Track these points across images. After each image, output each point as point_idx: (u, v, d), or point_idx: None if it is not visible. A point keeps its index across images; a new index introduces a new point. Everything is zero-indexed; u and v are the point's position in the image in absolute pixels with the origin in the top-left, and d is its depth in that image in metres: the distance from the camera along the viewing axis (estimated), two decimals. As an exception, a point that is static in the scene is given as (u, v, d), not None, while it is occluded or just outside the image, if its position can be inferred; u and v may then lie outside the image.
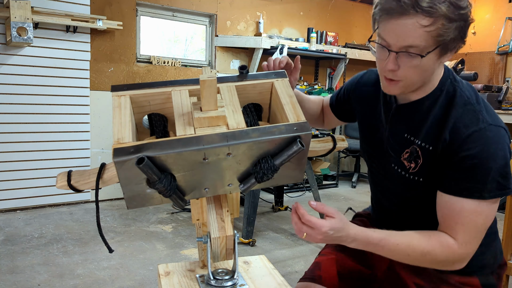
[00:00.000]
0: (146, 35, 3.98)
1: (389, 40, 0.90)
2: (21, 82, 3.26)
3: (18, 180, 3.32)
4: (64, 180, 0.86)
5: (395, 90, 0.96)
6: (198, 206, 1.05)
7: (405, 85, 0.94)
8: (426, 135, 0.97)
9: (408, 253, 0.93)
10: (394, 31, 0.88)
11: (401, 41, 0.87)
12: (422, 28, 0.85)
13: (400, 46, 0.88)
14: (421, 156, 0.97)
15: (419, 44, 0.86)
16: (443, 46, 0.89)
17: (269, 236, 2.93)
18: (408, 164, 1.00)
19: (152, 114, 0.95)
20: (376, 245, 0.93)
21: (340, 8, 5.17)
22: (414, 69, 0.90)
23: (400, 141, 1.02)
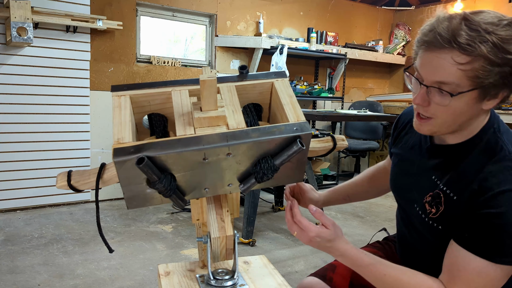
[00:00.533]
0: (146, 35, 3.99)
1: (422, 74, 0.85)
2: (21, 82, 3.26)
3: (18, 180, 3.32)
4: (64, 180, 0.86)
5: (424, 129, 0.90)
6: (198, 206, 1.05)
7: (435, 125, 0.88)
8: (452, 182, 0.90)
9: (393, 287, 0.90)
10: (428, 64, 0.83)
11: (434, 75, 0.82)
12: (457, 65, 0.79)
13: (432, 81, 0.83)
14: (443, 203, 0.91)
15: (451, 81, 0.81)
16: (482, 91, 0.81)
17: (269, 236, 2.93)
18: (429, 209, 0.94)
19: (152, 114, 0.95)
20: (363, 268, 0.91)
21: (340, 8, 5.17)
22: (445, 109, 0.84)
23: (425, 182, 0.97)
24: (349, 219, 3.45)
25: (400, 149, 1.09)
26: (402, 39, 5.54)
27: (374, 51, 5.20)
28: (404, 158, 1.07)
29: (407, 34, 5.52)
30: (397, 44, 5.49)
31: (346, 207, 3.79)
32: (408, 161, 1.05)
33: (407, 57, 5.53)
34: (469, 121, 0.88)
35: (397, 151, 1.10)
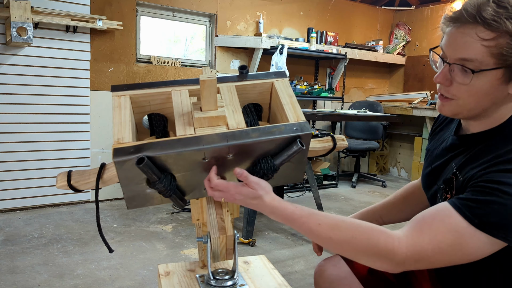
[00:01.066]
0: (146, 35, 3.98)
1: (446, 51, 0.83)
2: (21, 82, 3.26)
3: (18, 180, 3.32)
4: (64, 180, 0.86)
5: (446, 110, 0.87)
6: (198, 206, 1.05)
7: (457, 106, 0.85)
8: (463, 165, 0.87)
9: (331, 236, 0.82)
10: (452, 41, 0.81)
11: (457, 52, 0.80)
12: (480, 41, 0.77)
13: (456, 58, 0.81)
14: (454, 187, 0.87)
15: (474, 58, 0.78)
16: (507, 70, 0.78)
17: (269, 236, 2.93)
18: (445, 195, 0.91)
19: (152, 114, 0.95)
20: (295, 221, 0.85)
21: (340, 8, 5.17)
22: (467, 88, 0.81)
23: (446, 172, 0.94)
24: (349, 219, 3.44)
25: (432, 145, 1.07)
26: (402, 39, 5.54)
27: (374, 51, 5.20)
28: (433, 153, 1.04)
29: (407, 34, 5.52)
30: (397, 44, 5.49)
31: (346, 207, 3.79)
32: (437, 155, 1.02)
33: (406, 56, 5.54)
34: (493, 106, 0.84)
35: (429, 147, 1.08)
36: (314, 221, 0.84)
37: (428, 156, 1.07)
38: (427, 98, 4.93)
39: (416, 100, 4.94)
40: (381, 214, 1.22)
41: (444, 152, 0.99)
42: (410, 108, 4.76)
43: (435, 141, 1.07)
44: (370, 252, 0.80)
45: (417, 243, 0.78)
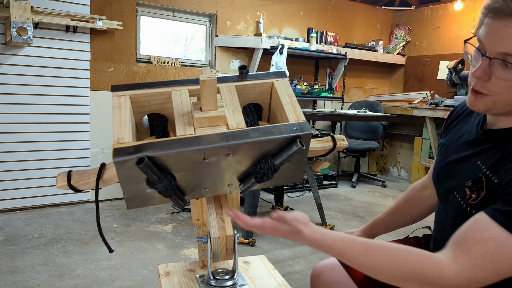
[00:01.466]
0: (146, 35, 3.98)
1: (486, 44, 0.78)
2: (21, 82, 3.26)
3: (18, 180, 3.32)
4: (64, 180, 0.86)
5: (479, 105, 0.83)
6: (198, 206, 1.05)
7: (493, 102, 0.81)
8: (496, 166, 0.82)
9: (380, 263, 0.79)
10: (494, 34, 0.76)
11: (499, 46, 0.75)
12: None
13: (497, 53, 0.76)
14: (485, 187, 0.82)
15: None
16: None
17: (269, 236, 2.93)
18: (469, 194, 0.86)
19: (152, 114, 0.95)
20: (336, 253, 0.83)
21: (340, 8, 5.17)
22: (507, 85, 0.77)
23: (469, 168, 0.88)
24: (349, 219, 3.44)
25: (448, 139, 1.03)
26: (402, 39, 5.54)
27: (374, 51, 5.20)
28: (450, 147, 1.00)
29: (407, 34, 5.52)
30: (397, 44, 5.49)
31: (346, 207, 3.79)
32: (454, 150, 0.97)
33: (407, 55, 5.54)
34: None
35: (444, 141, 1.04)
36: (358, 252, 0.81)
37: (443, 150, 1.03)
38: (427, 98, 4.93)
39: (416, 100, 4.94)
40: (387, 221, 1.21)
41: (464, 147, 0.94)
42: (410, 108, 4.76)
43: (451, 135, 1.03)
44: (419, 280, 0.77)
45: (467, 268, 0.74)
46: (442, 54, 5.14)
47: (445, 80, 4.66)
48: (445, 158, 1.00)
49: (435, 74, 5.18)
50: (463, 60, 4.29)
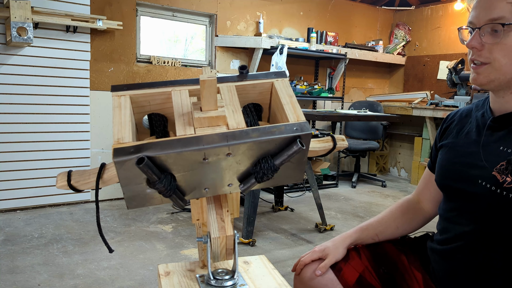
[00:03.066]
0: (146, 35, 3.99)
1: (474, 19, 0.87)
2: (21, 82, 3.26)
3: (18, 180, 3.32)
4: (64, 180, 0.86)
5: (481, 78, 0.88)
6: (198, 206, 1.05)
7: (493, 70, 0.86)
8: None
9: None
10: (479, 7, 0.86)
11: (485, 14, 0.85)
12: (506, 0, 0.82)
13: (485, 20, 0.85)
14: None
15: (502, 16, 0.83)
16: None
17: (269, 236, 2.93)
18: (503, 177, 0.85)
19: (152, 114, 0.95)
20: None
21: (340, 8, 5.17)
22: (499, 48, 0.84)
23: (491, 156, 0.89)
24: (349, 219, 3.45)
25: (452, 139, 1.04)
26: (402, 39, 5.54)
27: (374, 51, 5.20)
28: (457, 144, 1.01)
29: (407, 34, 5.52)
30: (397, 44, 5.49)
31: (346, 207, 3.79)
32: (463, 145, 0.98)
33: (403, 55, 5.53)
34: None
35: (447, 142, 1.05)
36: None
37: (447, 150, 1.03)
38: (427, 98, 4.93)
39: (416, 100, 4.94)
40: (377, 231, 1.16)
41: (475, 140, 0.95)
42: (410, 108, 4.76)
43: (453, 135, 1.03)
44: None
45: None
46: (442, 54, 5.14)
47: (445, 80, 4.66)
48: (454, 157, 0.99)
49: (435, 74, 5.18)
50: (463, 60, 4.30)
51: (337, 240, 1.12)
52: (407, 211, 1.18)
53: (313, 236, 2.99)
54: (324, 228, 3.09)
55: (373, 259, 1.10)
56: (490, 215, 0.88)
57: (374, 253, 1.11)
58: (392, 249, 1.13)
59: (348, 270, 1.08)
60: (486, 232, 0.89)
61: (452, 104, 4.28)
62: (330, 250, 1.09)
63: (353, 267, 1.08)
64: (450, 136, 1.05)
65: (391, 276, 1.08)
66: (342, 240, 1.12)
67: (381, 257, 1.10)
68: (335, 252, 1.08)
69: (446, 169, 1.01)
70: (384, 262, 1.10)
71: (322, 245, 1.12)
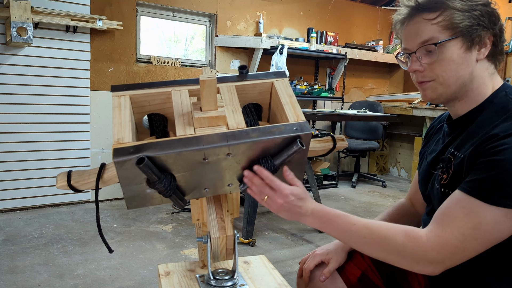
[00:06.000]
0: (146, 35, 3.98)
1: (408, 46, 0.92)
2: (21, 82, 3.26)
3: (18, 180, 3.32)
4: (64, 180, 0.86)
5: (431, 93, 0.92)
6: (198, 206, 1.05)
7: (438, 85, 0.90)
8: (461, 144, 0.90)
9: (364, 235, 0.85)
10: (408, 35, 0.91)
11: (416, 40, 0.89)
12: (430, 21, 0.87)
13: (417, 44, 0.89)
14: (453, 165, 0.89)
15: (431, 37, 0.87)
16: (464, 38, 0.86)
17: (269, 236, 2.93)
18: (441, 175, 0.93)
19: (152, 114, 0.95)
20: (331, 221, 0.88)
21: (340, 8, 5.17)
22: (439, 64, 0.88)
23: (445, 155, 0.95)
24: (349, 219, 3.44)
25: (427, 147, 1.09)
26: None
27: (374, 51, 5.20)
28: (428, 151, 1.06)
29: (407, 34, 5.52)
30: (397, 44, 5.49)
31: (346, 207, 3.79)
32: (431, 152, 1.04)
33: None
34: (471, 81, 0.90)
35: (424, 150, 1.11)
36: (349, 221, 0.87)
37: (424, 158, 1.08)
38: (427, 98, 4.93)
39: (416, 100, 4.94)
40: None
41: (439, 144, 1.02)
42: (410, 108, 4.76)
43: (430, 143, 1.09)
44: (402, 253, 0.83)
45: (441, 236, 0.80)
46: (442, 54, 5.13)
47: (445, 80, 4.66)
48: (425, 164, 1.05)
49: (435, 74, 5.18)
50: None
51: (338, 244, 1.11)
52: (403, 215, 1.20)
53: (313, 236, 2.99)
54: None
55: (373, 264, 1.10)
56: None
57: None
58: None
59: (350, 269, 1.08)
60: None
61: (452, 104, 4.28)
62: (333, 255, 1.09)
63: (356, 265, 1.08)
64: (428, 143, 1.11)
65: (393, 274, 1.08)
66: (343, 244, 1.11)
67: None
68: (337, 256, 1.08)
69: (421, 177, 1.06)
70: None
71: (323, 249, 1.12)
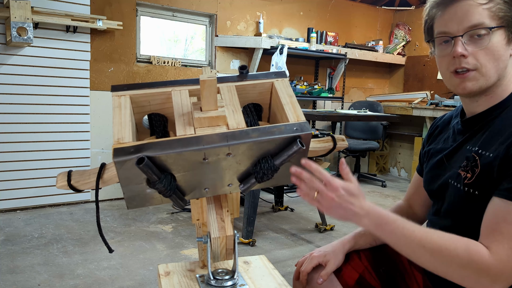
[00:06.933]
0: (146, 35, 3.98)
1: (451, 29, 0.87)
2: (21, 82, 3.26)
3: (18, 180, 3.32)
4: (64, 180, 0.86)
5: (472, 85, 0.87)
6: (198, 206, 1.05)
7: (479, 76, 0.86)
8: (486, 142, 0.86)
9: (423, 244, 0.79)
10: (454, 16, 0.86)
11: (464, 23, 0.84)
12: (481, 6, 0.83)
13: (465, 28, 0.84)
14: (479, 165, 0.85)
15: (483, 21, 0.83)
16: (509, 29, 0.84)
17: (269, 236, 2.93)
18: (464, 174, 0.88)
19: (152, 114, 0.95)
20: (388, 225, 0.83)
21: (340, 8, 5.17)
22: (486, 52, 0.84)
23: (459, 156, 0.93)
24: (349, 219, 3.44)
25: (433, 145, 1.08)
26: (402, 39, 5.54)
27: (374, 51, 5.20)
28: (436, 150, 1.04)
29: (407, 34, 5.51)
30: (397, 44, 5.49)
31: (346, 207, 3.79)
32: (440, 150, 1.02)
33: (407, 57, 5.54)
34: (504, 76, 0.87)
35: (430, 147, 1.08)
36: (408, 227, 0.82)
37: (429, 156, 1.07)
38: (427, 98, 4.93)
39: (416, 100, 4.94)
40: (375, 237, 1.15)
41: (448, 143, 0.99)
42: (410, 108, 4.76)
43: (436, 142, 1.08)
44: (464, 265, 0.77)
45: (499, 253, 0.75)
46: (442, 54, 5.13)
47: (445, 80, 4.65)
48: (434, 161, 1.03)
49: (435, 74, 5.18)
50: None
51: (336, 246, 1.10)
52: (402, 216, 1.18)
53: (313, 236, 2.99)
54: (324, 228, 3.09)
55: (373, 260, 1.10)
56: (460, 212, 0.91)
57: (374, 253, 1.11)
58: (392, 249, 1.12)
59: (347, 271, 1.07)
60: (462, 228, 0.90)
61: (452, 104, 4.28)
62: (330, 256, 1.07)
63: (353, 267, 1.08)
64: (433, 142, 1.09)
65: (391, 276, 1.08)
66: (341, 245, 1.10)
67: (381, 257, 1.10)
68: (335, 259, 1.07)
69: (429, 176, 1.04)
70: (384, 262, 1.09)
71: (321, 250, 1.10)
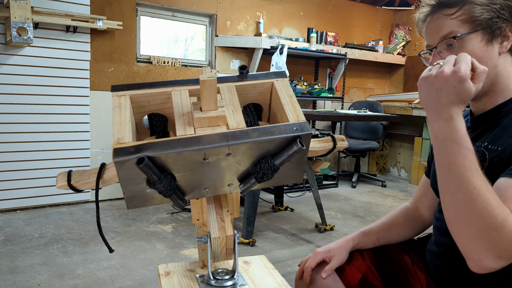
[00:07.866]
0: (146, 35, 3.99)
1: (429, 42, 0.94)
2: (21, 82, 3.26)
3: (18, 180, 3.32)
4: (64, 180, 0.86)
5: None
6: (198, 206, 1.05)
7: None
8: (495, 138, 0.88)
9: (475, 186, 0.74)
10: (430, 31, 0.94)
11: (437, 35, 0.92)
12: (449, 17, 0.89)
13: (437, 39, 0.92)
14: (488, 159, 0.86)
15: (450, 31, 0.89)
16: (484, 31, 0.87)
17: (269, 236, 2.93)
18: None
19: (152, 114, 0.95)
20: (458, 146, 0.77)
21: (340, 8, 5.17)
22: None
23: None
24: (349, 219, 3.44)
25: None
26: (402, 39, 5.54)
27: (374, 51, 5.20)
28: None
29: (407, 34, 5.52)
30: (397, 44, 5.49)
31: (346, 207, 3.79)
32: None
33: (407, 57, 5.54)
34: (496, 74, 0.90)
35: None
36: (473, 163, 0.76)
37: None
38: (427, 98, 4.92)
39: (416, 100, 4.94)
40: (378, 236, 1.15)
41: None
42: (410, 108, 4.76)
43: None
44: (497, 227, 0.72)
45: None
46: (442, 54, 5.13)
47: (445, 80, 4.65)
48: None
49: (435, 74, 5.18)
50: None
51: (340, 243, 1.11)
52: (407, 218, 1.19)
53: (313, 236, 2.98)
54: (324, 228, 3.09)
55: (376, 260, 1.10)
56: None
57: (377, 253, 1.11)
58: (395, 249, 1.12)
59: (351, 271, 1.07)
60: None
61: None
62: (335, 252, 1.07)
63: (356, 267, 1.08)
64: None
65: (394, 277, 1.07)
66: (345, 243, 1.11)
67: (384, 257, 1.10)
68: (339, 255, 1.07)
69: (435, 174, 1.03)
70: (387, 262, 1.09)
71: (325, 247, 1.11)
